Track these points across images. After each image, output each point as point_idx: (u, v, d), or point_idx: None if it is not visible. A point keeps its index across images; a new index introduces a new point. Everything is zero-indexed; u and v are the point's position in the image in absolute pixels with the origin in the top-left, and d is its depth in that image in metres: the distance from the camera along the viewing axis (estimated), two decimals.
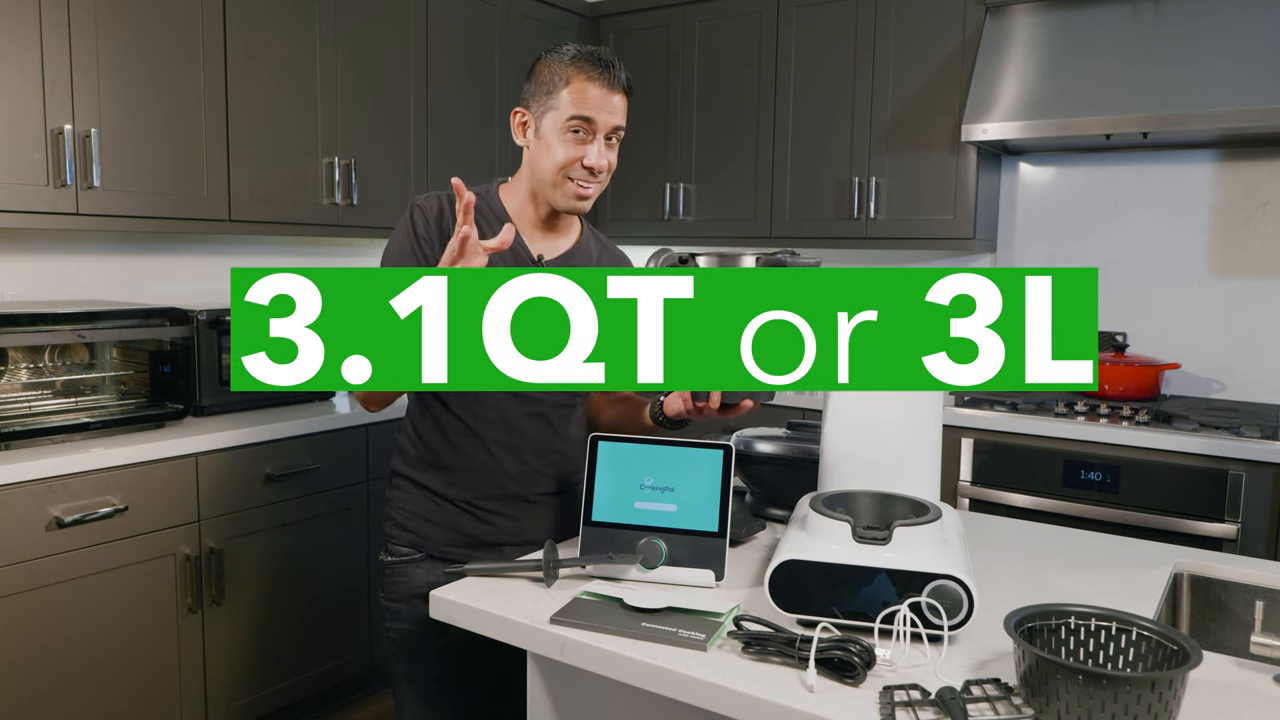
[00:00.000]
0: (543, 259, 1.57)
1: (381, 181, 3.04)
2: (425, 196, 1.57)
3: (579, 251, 1.62)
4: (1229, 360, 3.01)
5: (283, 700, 2.61)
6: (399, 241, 1.54)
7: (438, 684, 1.56)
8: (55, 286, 2.65)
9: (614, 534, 1.38)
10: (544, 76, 1.52)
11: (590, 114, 1.49)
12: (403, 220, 1.56)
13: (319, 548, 2.65)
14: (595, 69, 1.50)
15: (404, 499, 1.60)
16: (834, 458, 1.48)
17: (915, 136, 3.18)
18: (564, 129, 1.49)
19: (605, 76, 1.50)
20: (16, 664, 2.06)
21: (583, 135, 1.49)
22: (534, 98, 1.53)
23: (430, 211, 1.54)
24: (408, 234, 1.53)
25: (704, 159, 3.65)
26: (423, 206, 1.55)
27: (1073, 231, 3.24)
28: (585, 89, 1.49)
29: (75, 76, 2.31)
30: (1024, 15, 2.97)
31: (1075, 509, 2.66)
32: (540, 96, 1.52)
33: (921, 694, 1.01)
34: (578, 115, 1.48)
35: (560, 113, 1.49)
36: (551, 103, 1.50)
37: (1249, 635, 1.26)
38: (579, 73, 1.49)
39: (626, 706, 1.25)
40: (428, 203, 1.55)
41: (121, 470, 2.20)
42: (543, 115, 1.52)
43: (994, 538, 1.61)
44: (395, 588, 1.58)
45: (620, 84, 1.52)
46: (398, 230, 1.56)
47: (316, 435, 2.61)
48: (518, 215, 1.58)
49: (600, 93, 1.49)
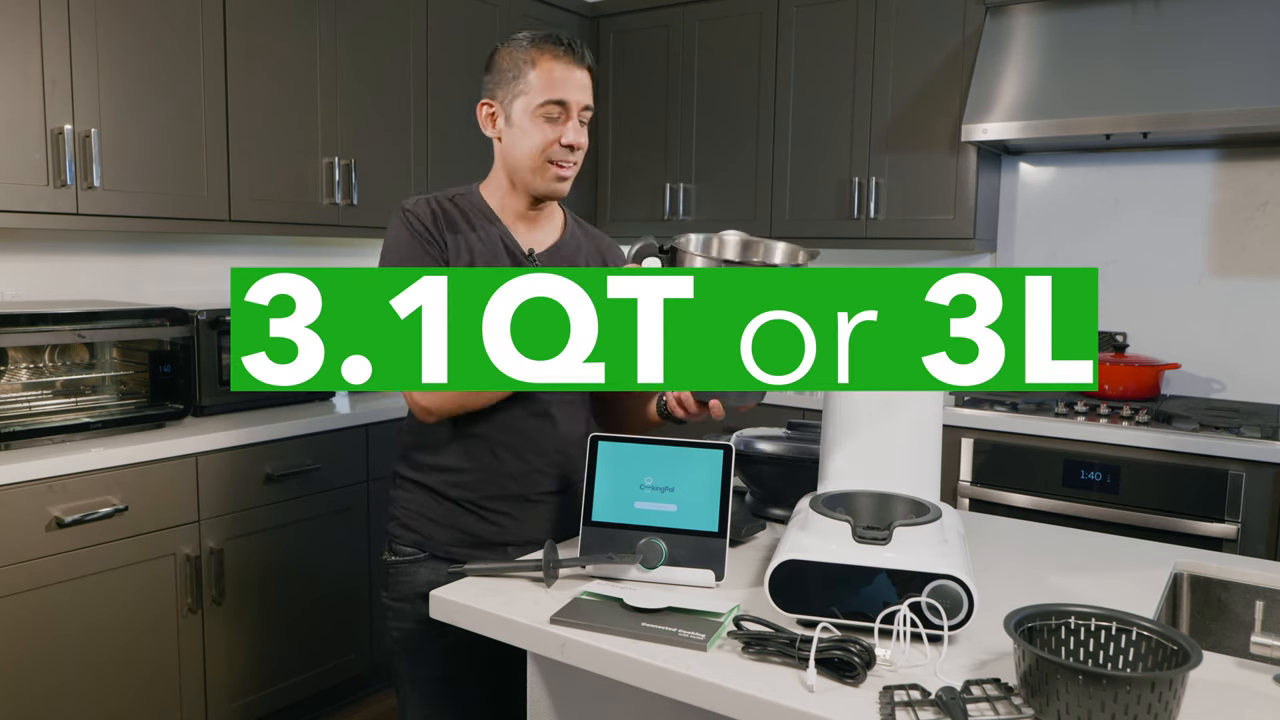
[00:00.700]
0: (534, 253, 1.57)
1: (381, 181, 3.04)
2: (413, 201, 1.55)
3: (566, 242, 1.63)
4: (1229, 360, 3.01)
5: (283, 700, 2.61)
6: (402, 244, 1.52)
7: (440, 684, 1.56)
8: (55, 286, 2.65)
9: (614, 534, 1.38)
10: (506, 64, 1.52)
11: (561, 95, 1.49)
12: (395, 225, 1.54)
13: (319, 548, 2.65)
14: (558, 48, 1.49)
15: (407, 499, 1.60)
16: (834, 458, 1.48)
17: (915, 136, 3.18)
18: (536, 113, 1.49)
19: (569, 55, 1.50)
20: (16, 664, 2.06)
21: (557, 117, 1.50)
22: (499, 86, 1.53)
23: (423, 214, 1.53)
24: (409, 234, 1.52)
25: (704, 159, 3.65)
26: (413, 210, 1.53)
27: (1073, 231, 3.24)
28: (552, 68, 1.48)
29: (75, 76, 2.31)
30: (1024, 15, 2.97)
31: (1075, 509, 2.66)
32: (505, 84, 1.51)
33: (921, 694, 1.01)
34: (550, 99, 1.48)
35: (531, 97, 1.49)
36: (519, 88, 1.50)
37: (1249, 635, 1.26)
38: (542, 54, 1.49)
39: (626, 706, 1.25)
40: (418, 206, 1.54)
41: (121, 470, 2.20)
42: (512, 102, 1.51)
43: (994, 538, 1.61)
44: (399, 587, 1.58)
45: (585, 60, 1.52)
46: (393, 235, 1.53)
47: (316, 435, 2.61)
48: (501, 211, 1.58)
49: (567, 71, 1.49)
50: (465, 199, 1.58)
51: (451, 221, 1.54)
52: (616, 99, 3.86)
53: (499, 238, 1.55)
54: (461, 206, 1.56)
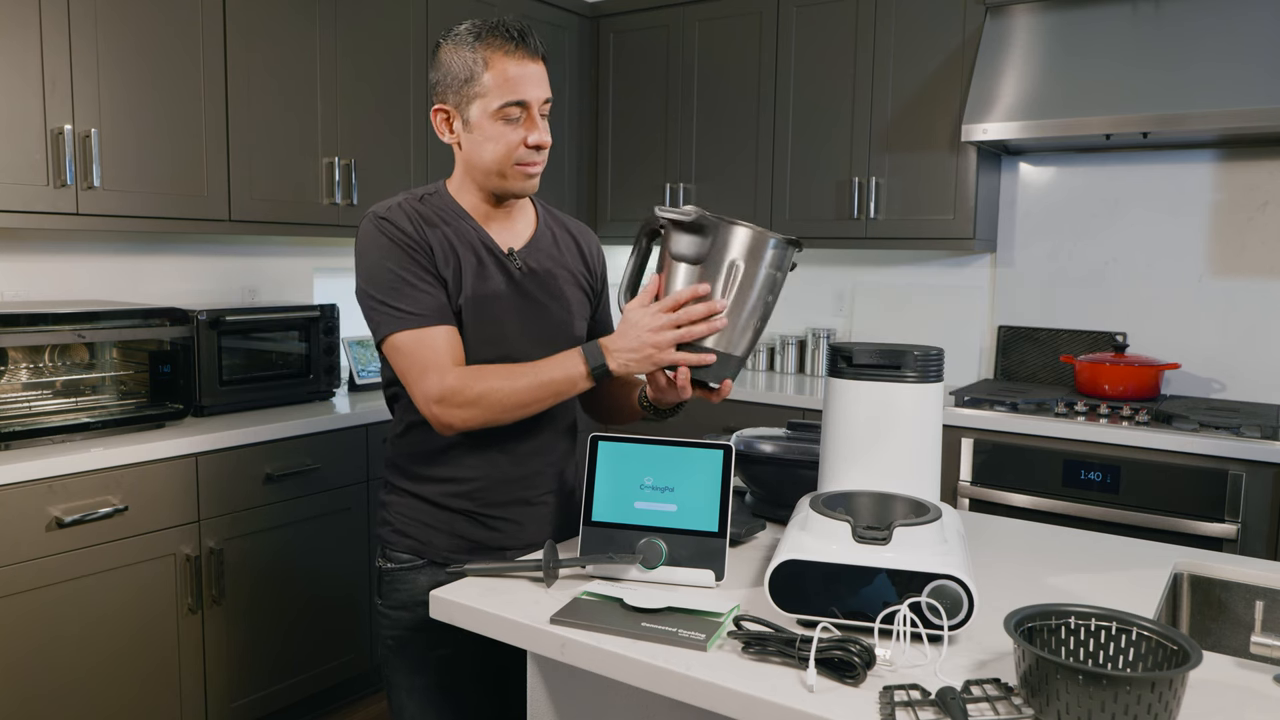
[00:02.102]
0: (514, 251, 1.53)
1: (381, 181, 3.04)
2: (384, 208, 1.48)
3: (542, 234, 1.58)
4: (1229, 360, 3.01)
5: (282, 700, 2.61)
6: (389, 255, 1.44)
7: (437, 691, 1.53)
8: (55, 286, 2.65)
9: (614, 534, 1.37)
10: (455, 65, 1.43)
11: (521, 95, 1.42)
12: (370, 233, 1.46)
13: (319, 548, 2.65)
14: (508, 43, 1.41)
15: (402, 505, 1.56)
16: (834, 458, 1.48)
17: (915, 136, 3.18)
18: (496, 115, 1.42)
19: (522, 49, 1.42)
20: (16, 664, 2.06)
21: (518, 118, 1.43)
22: (450, 89, 1.45)
23: (399, 220, 1.45)
24: (391, 243, 1.44)
25: (704, 159, 3.65)
26: (389, 218, 1.46)
27: (1073, 231, 3.24)
28: (505, 67, 1.41)
29: (75, 76, 2.31)
30: (1024, 15, 2.97)
31: (1075, 509, 2.66)
32: (458, 86, 1.44)
33: (921, 694, 1.01)
34: (510, 101, 1.41)
35: (489, 100, 1.42)
36: (473, 90, 1.42)
37: (1249, 635, 1.26)
38: (492, 50, 1.41)
39: (626, 706, 1.24)
40: (392, 213, 1.46)
41: (121, 470, 2.20)
42: (467, 105, 1.44)
43: (994, 538, 1.61)
44: (395, 594, 1.54)
45: (538, 51, 1.44)
46: (374, 245, 1.45)
47: (316, 435, 2.61)
48: (474, 211, 1.52)
49: (521, 67, 1.42)
50: (436, 199, 1.52)
51: (430, 220, 1.48)
52: (616, 99, 3.86)
53: (477, 239, 1.50)
54: (434, 207, 1.50)
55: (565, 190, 3.82)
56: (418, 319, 1.43)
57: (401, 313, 1.43)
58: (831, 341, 2.06)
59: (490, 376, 1.40)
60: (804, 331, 3.79)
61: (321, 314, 2.89)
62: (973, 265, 3.44)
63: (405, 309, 1.43)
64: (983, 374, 3.45)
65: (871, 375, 1.43)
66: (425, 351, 1.42)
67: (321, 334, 2.88)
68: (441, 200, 1.52)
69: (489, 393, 1.39)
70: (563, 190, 3.80)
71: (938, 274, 3.52)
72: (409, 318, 1.43)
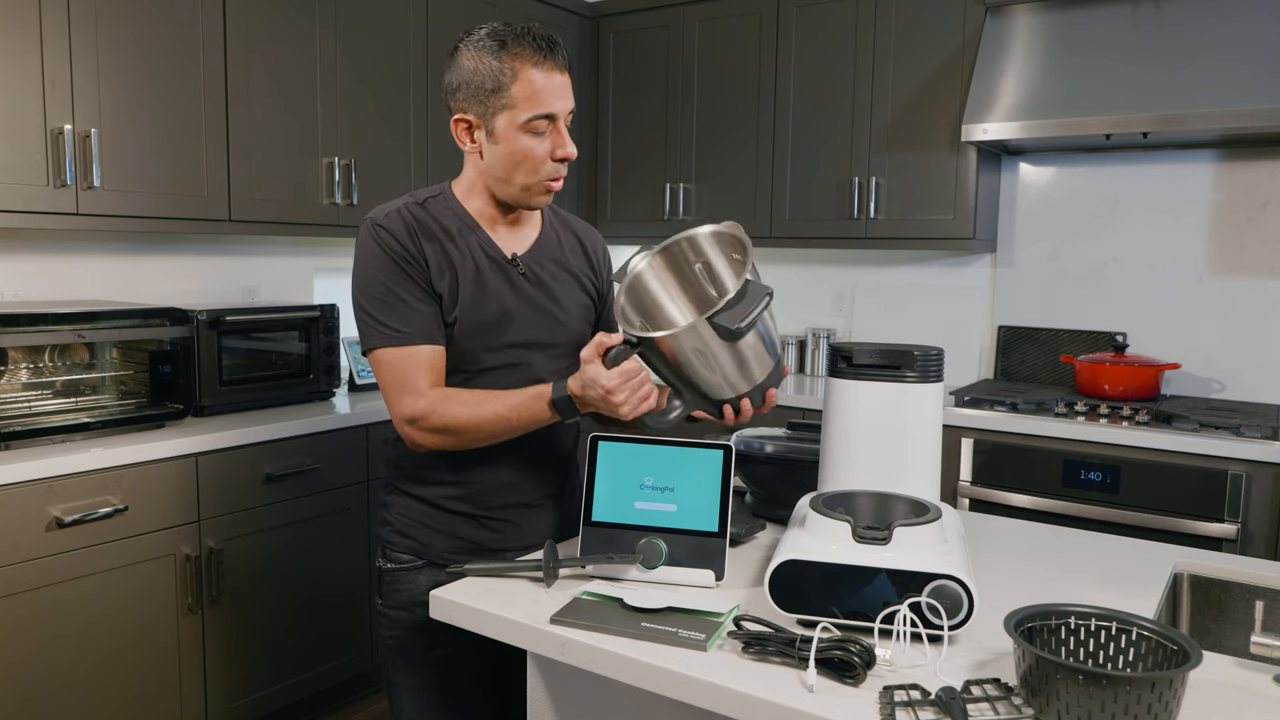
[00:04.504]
0: (516, 256, 1.52)
1: (381, 181, 3.04)
2: (383, 214, 1.45)
3: (546, 237, 1.57)
4: (1229, 360, 3.01)
5: (282, 700, 2.61)
6: (382, 268, 1.42)
7: (437, 692, 1.53)
8: (55, 286, 2.65)
9: (614, 534, 1.37)
10: (479, 73, 1.40)
11: (550, 109, 1.40)
12: (366, 241, 1.44)
13: (319, 548, 2.65)
14: (536, 54, 1.39)
15: (402, 505, 1.56)
16: (834, 458, 1.48)
17: (915, 136, 3.18)
18: (524, 129, 1.40)
19: (550, 59, 1.39)
20: (16, 664, 2.06)
21: (544, 131, 1.42)
22: (474, 99, 1.42)
23: (397, 229, 1.43)
24: (385, 255, 1.42)
25: (704, 159, 3.65)
26: (385, 226, 1.43)
27: (1073, 231, 3.24)
28: (533, 80, 1.38)
29: (75, 76, 2.31)
30: (1024, 15, 2.97)
31: (1075, 509, 2.66)
32: (483, 97, 1.40)
33: (921, 694, 1.01)
34: (538, 114, 1.39)
35: (517, 112, 1.39)
36: (500, 102, 1.40)
37: (1249, 635, 1.26)
38: (521, 61, 1.38)
39: (626, 706, 1.24)
40: (390, 221, 1.44)
41: (121, 470, 2.20)
42: (493, 117, 1.41)
43: (994, 538, 1.61)
44: (395, 595, 1.54)
45: (564, 61, 1.42)
46: (369, 255, 1.43)
47: (316, 435, 2.61)
48: (480, 216, 1.51)
49: (549, 80, 1.39)
50: (440, 203, 1.49)
51: (428, 231, 1.45)
52: (616, 99, 3.86)
53: (479, 246, 1.48)
54: (436, 214, 1.48)
55: (565, 190, 3.82)
56: (402, 336, 1.42)
57: (387, 329, 1.42)
58: (831, 342, 2.07)
59: (458, 405, 1.40)
60: (804, 331, 3.79)
61: (321, 314, 2.89)
62: (973, 265, 3.44)
63: (391, 325, 1.42)
64: (983, 374, 3.45)
65: (872, 375, 1.43)
66: (405, 370, 1.42)
67: (321, 334, 2.88)
68: (446, 204, 1.50)
69: (454, 423, 1.40)
70: (563, 190, 3.79)
71: (938, 274, 3.52)
72: (394, 334, 1.42)
